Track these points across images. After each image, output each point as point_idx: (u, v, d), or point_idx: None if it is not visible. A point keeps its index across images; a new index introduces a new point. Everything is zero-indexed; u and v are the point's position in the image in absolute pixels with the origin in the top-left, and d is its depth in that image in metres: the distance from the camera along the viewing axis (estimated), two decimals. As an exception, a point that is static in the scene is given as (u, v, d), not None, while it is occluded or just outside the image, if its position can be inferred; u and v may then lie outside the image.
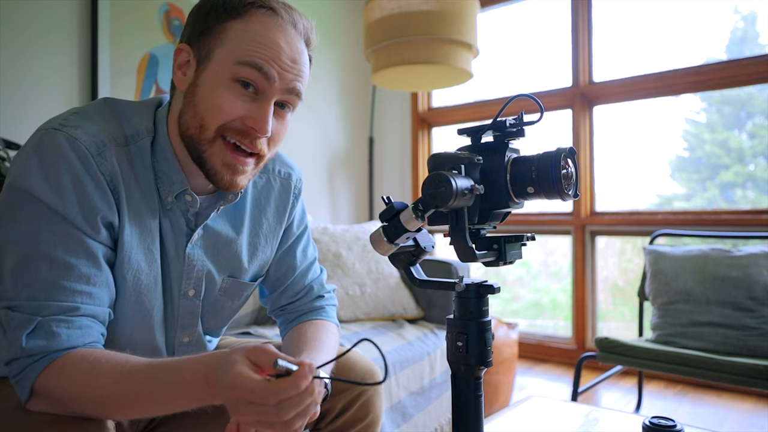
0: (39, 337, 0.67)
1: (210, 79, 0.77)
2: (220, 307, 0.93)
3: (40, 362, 0.66)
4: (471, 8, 2.21)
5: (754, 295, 1.81)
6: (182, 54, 0.80)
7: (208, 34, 0.78)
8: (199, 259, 0.86)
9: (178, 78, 0.81)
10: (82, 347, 0.69)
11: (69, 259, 0.70)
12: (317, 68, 3.04)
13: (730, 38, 2.73)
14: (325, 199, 3.11)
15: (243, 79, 0.76)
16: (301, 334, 0.94)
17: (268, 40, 0.76)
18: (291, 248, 1.02)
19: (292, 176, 1.00)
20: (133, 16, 2.13)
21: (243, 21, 0.77)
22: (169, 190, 0.81)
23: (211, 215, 0.86)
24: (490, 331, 0.70)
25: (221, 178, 0.79)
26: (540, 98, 0.69)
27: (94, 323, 0.72)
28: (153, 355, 0.86)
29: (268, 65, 0.76)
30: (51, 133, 0.72)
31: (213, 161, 0.78)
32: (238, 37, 0.76)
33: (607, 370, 2.14)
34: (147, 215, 0.79)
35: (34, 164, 0.70)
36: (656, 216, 2.68)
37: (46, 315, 0.68)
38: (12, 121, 1.82)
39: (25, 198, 0.70)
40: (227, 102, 0.76)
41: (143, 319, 0.82)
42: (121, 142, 0.77)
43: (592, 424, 1.03)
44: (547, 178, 0.66)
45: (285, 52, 0.77)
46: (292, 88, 0.79)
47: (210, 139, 0.77)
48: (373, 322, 2.06)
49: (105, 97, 0.84)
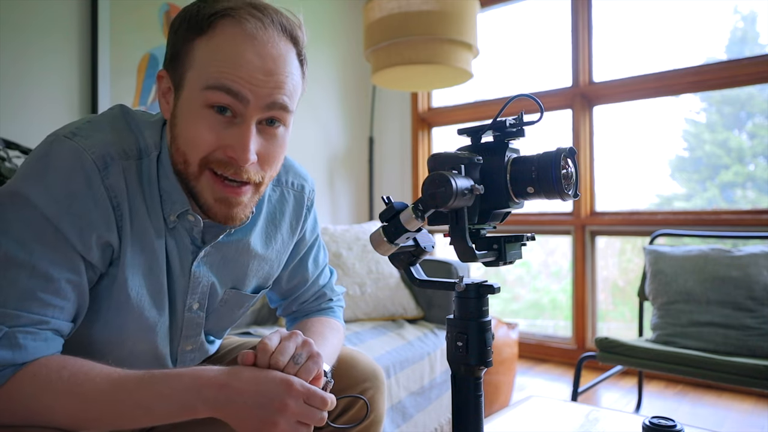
0: (4, 348, 0.63)
1: (185, 108, 0.71)
2: (220, 316, 0.92)
3: (3, 373, 0.64)
4: (471, 8, 2.21)
5: (754, 295, 1.81)
6: (162, 81, 0.76)
7: (178, 58, 0.72)
8: (204, 275, 0.84)
9: (162, 107, 0.77)
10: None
11: (52, 271, 0.67)
12: (317, 68, 3.04)
13: (730, 38, 2.73)
14: (325, 199, 3.11)
15: (216, 105, 0.69)
16: (305, 328, 0.95)
17: (235, 56, 0.68)
18: (303, 259, 1.01)
19: (305, 188, 0.97)
20: (133, 16, 2.13)
21: (207, 38, 0.69)
22: (171, 209, 0.77)
23: (221, 237, 0.82)
24: (490, 331, 0.70)
25: (216, 213, 0.74)
26: (540, 98, 0.68)
27: (56, 336, 0.69)
28: (157, 363, 0.85)
29: (238, 85, 0.68)
30: (60, 140, 0.70)
31: (205, 197, 0.73)
32: (204, 57, 0.69)
33: (607, 370, 2.14)
34: (151, 232, 0.76)
35: (38, 171, 0.68)
36: (656, 216, 2.68)
37: (13, 325, 0.64)
38: (12, 121, 1.82)
39: (20, 202, 0.67)
40: (202, 133, 0.70)
41: (146, 333, 0.80)
42: (134, 156, 0.74)
43: (592, 424, 1.03)
44: (547, 178, 0.66)
45: (255, 66, 0.69)
46: (272, 103, 0.71)
47: (195, 174, 0.72)
48: (373, 322, 2.06)
49: (121, 105, 0.80)
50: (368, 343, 1.78)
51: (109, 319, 0.77)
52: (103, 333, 0.77)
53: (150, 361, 0.84)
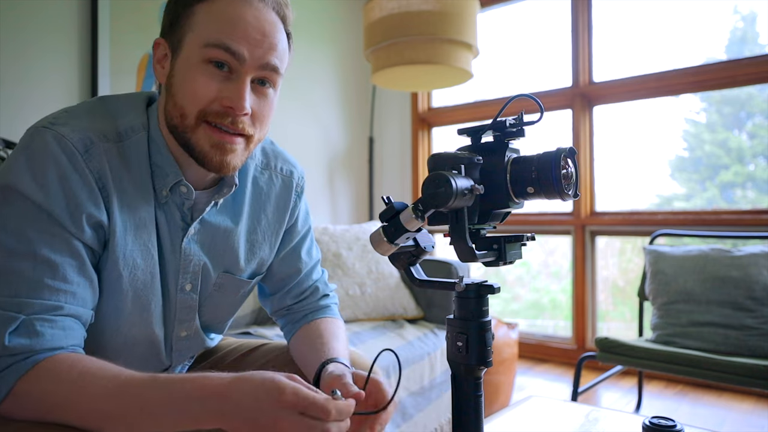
0: (22, 336, 0.65)
1: (183, 66, 0.77)
2: (215, 302, 0.92)
3: (23, 363, 0.65)
4: (471, 8, 2.21)
5: (754, 295, 1.81)
6: (159, 48, 0.81)
7: (177, 23, 0.78)
8: (195, 254, 0.85)
9: (158, 72, 0.82)
10: (65, 348, 0.68)
11: (54, 257, 0.69)
12: (317, 68, 3.04)
13: (730, 38, 2.73)
14: (325, 199, 3.11)
15: (214, 60, 0.75)
16: (317, 329, 0.95)
17: (234, 18, 0.75)
18: (295, 249, 1.02)
19: (294, 174, 1.00)
20: (133, 16, 2.13)
21: (208, 3, 0.76)
22: (163, 183, 0.81)
23: (208, 209, 0.85)
24: (490, 331, 0.70)
25: (211, 159, 0.78)
26: (540, 98, 0.69)
27: (76, 324, 0.71)
28: (152, 349, 0.86)
29: (236, 43, 0.75)
30: (40, 131, 0.72)
31: (201, 145, 0.77)
32: (204, 20, 0.76)
33: (607, 370, 2.15)
34: (142, 211, 0.79)
35: (22, 162, 0.70)
36: (656, 216, 2.68)
37: (29, 313, 0.66)
38: (12, 121, 1.82)
39: (10, 195, 0.69)
40: (201, 85, 0.75)
41: (141, 314, 0.81)
42: (113, 139, 0.77)
43: (592, 424, 1.03)
44: (547, 178, 0.66)
45: (253, 27, 0.76)
46: (265, 63, 0.77)
47: (192, 125, 0.77)
48: (373, 322, 2.06)
49: (101, 96, 0.83)
50: (368, 343, 1.78)
51: (104, 300, 0.77)
52: (99, 318, 0.77)
53: (146, 350, 0.85)
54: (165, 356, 0.89)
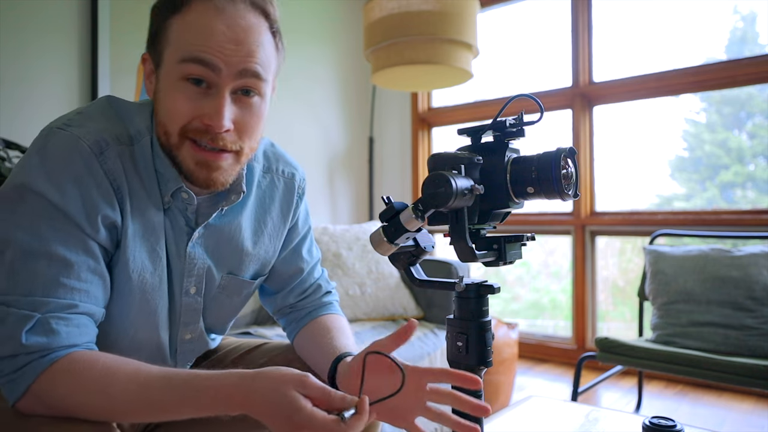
0: (39, 334, 0.66)
1: (164, 83, 0.76)
2: (219, 304, 0.92)
3: (41, 361, 0.66)
4: (471, 8, 2.21)
5: (754, 295, 1.81)
6: (147, 63, 0.80)
7: (157, 38, 0.77)
8: (200, 257, 0.86)
9: (147, 88, 0.81)
10: (80, 346, 0.69)
11: (69, 256, 0.69)
12: (317, 68, 3.04)
13: (730, 38, 2.73)
14: (325, 199, 3.11)
15: (191, 77, 0.73)
16: (324, 325, 0.95)
17: (206, 28, 0.73)
18: (297, 248, 1.02)
19: (296, 176, 1.00)
20: (133, 16, 2.13)
21: (182, 15, 0.74)
22: (166, 189, 0.80)
23: (213, 215, 0.85)
24: (490, 331, 0.70)
25: (197, 177, 0.77)
26: (540, 98, 0.69)
27: (90, 321, 0.72)
28: (157, 352, 0.86)
29: (210, 55, 0.72)
30: (55, 132, 0.72)
31: (186, 162, 0.77)
32: (178, 33, 0.74)
33: (607, 370, 2.14)
34: (152, 214, 0.79)
35: (37, 162, 0.70)
36: (656, 216, 2.68)
37: (45, 312, 0.67)
38: (12, 121, 1.82)
39: (26, 194, 0.69)
40: (179, 104, 0.74)
41: (148, 317, 0.82)
42: (125, 142, 0.77)
43: (592, 424, 1.03)
44: (547, 178, 0.66)
45: (225, 36, 0.73)
46: (243, 70, 0.74)
47: (177, 143, 0.76)
48: (373, 322, 2.06)
49: (108, 96, 0.83)
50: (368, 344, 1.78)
51: (111, 302, 0.78)
52: (105, 320, 0.78)
53: (151, 352, 0.85)
54: (169, 359, 0.89)
